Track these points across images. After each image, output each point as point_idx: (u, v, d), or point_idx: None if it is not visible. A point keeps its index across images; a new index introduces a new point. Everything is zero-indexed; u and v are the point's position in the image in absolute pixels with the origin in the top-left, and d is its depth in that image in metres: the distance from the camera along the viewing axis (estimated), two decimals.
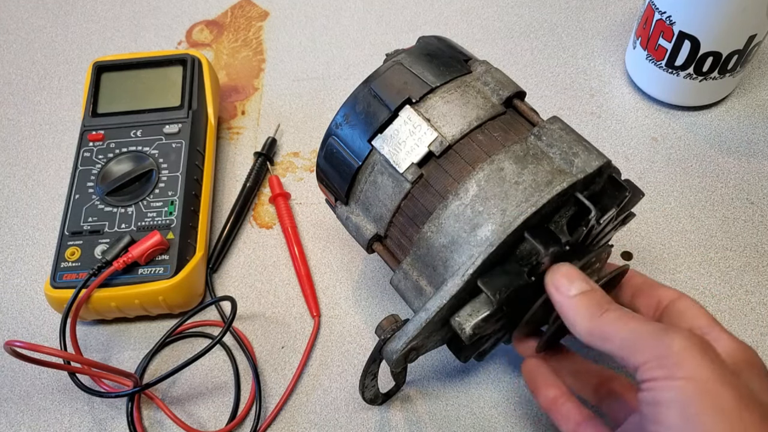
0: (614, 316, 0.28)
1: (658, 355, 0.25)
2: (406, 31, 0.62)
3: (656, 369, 0.25)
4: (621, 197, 0.31)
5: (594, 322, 0.28)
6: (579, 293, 0.29)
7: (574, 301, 0.29)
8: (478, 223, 0.30)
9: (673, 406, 0.24)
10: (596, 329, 0.28)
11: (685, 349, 0.25)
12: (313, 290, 0.46)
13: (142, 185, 0.46)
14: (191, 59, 0.51)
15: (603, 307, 0.28)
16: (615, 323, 0.27)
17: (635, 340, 0.26)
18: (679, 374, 0.24)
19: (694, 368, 0.24)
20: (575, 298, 0.29)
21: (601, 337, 0.28)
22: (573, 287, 0.29)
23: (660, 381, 0.25)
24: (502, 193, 0.30)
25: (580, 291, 0.29)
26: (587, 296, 0.29)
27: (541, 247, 0.29)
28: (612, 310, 0.28)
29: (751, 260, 0.45)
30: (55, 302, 0.42)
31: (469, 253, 0.30)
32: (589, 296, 0.29)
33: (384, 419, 0.40)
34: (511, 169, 0.30)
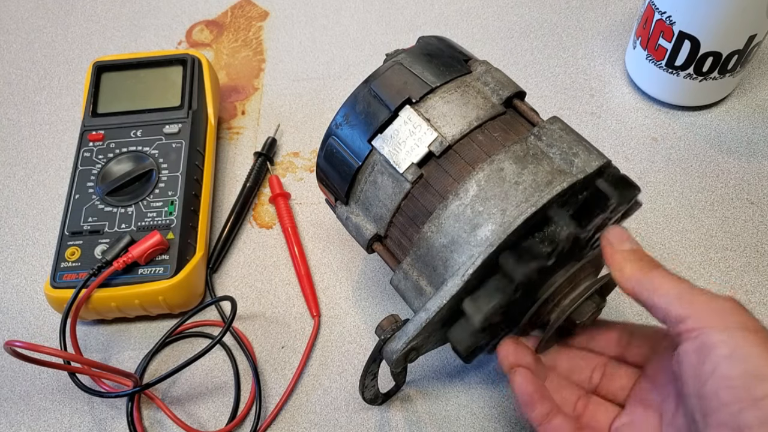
0: (664, 272, 0.29)
1: (707, 308, 0.27)
2: (406, 31, 0.62)
3: (706, 318, 0.27)
4: (606, 206, 0.31)
5: (644, 273, 0.29)
6: (630, 249, 0.31)
7: (625, 253, 0.30)
8: (478, 223, 0.30)
9: (721, 344, 0.26)
10: (645, 280, 0.29)
11: (732, 306, 0.27)
12: (313, 290, 0.46)
13: (142, 185, 0.46)
14: (191, 59, 0.51)
15: (652, 263, 0.30)
16: (664, 278, 0.29)
17: (683, 295, 0.28)
18: (730, 321, 0.26)
19: (742, 320, 0.26)
20: (628, 252, 0.30)
21: (649, 287, 0.29)
22: (625, 244, 0.31)
23: (708, 328, 0.26)
24: (502, 193, 0.30)
25: (631, 248, 0.31)
26: (638, 252, 0.31)
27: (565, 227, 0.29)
28: (663, 269, 0.30)
29: (751, 260, 0.45)
30: (55, 302, 0.42)
31: (469, 253, 0.30)
32: (639, 253, 0.31)
33: (384, 419, 0.40)
34: (511, 169, 0.30)
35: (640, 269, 0.30)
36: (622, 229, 0.32)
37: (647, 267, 0.30)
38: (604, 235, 0.31)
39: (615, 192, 0.30)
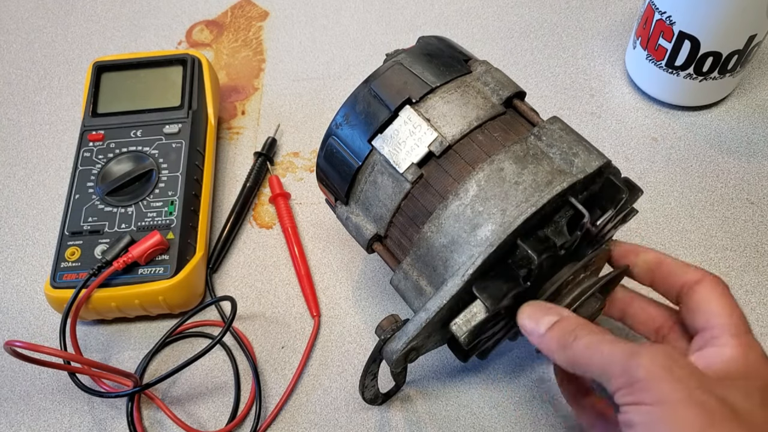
0: (584, 343, 0.28)
1: (627, 382, 0.26)
2: (406, 31, 0.62)
3: (627, 395, 0.26)
4: (618, 198, 0.31)
5: (567, 352, 0.28)
6: (547, 329, 0.29)
7: (545, 338, 0.29)
8: (478, 223, 0.30)
9: (640, 429, 0.25)
10: (571, 359, 0.28)
11: (650, 374, 0.25)
12: (313, 290, 0.46)
13: (142, 185, 0.46)
14: (191, 59, 0.51)
15: (573, 335, 0.28)
16: (586, 350, 0.28)
17: (606, 368, 0.27)
18: (647, 399, 0.25)
19: (660, 392, 0.25)
20: (546, 335, 0.29)
21: (579, 366, 0.28)
22: (541, 325, 0.30)
23: (631, 407, 0.26)
24: (502, 194, 0.30)
25: (548, 326, 0.29)
26: (556, 328, 0.29)
27: (534, 255, 0.29)
28: (581, 337, 0.28)
29: (751, 260, 0.45)
30: (55, 302, 0.42)
31: (469, 253, 0.30)
32: (558, 327, 0.29)
33: (384, 419, 0.40)
34: (511, 169, 0.30)
35: (564, 349, 0.28)
36: (532, 306, 0.31)
37: (568, 341, 0.28)
38: (520, 321, 0.30)
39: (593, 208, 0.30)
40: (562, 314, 0.30)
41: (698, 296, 0.31)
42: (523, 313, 0.31)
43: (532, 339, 0.30)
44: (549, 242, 0.29)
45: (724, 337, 0.29)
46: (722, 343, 0.29)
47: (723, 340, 0.29)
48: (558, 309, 0.30)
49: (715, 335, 0.29)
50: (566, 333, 0.29)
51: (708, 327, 0.30)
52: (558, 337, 0.29)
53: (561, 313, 0.30)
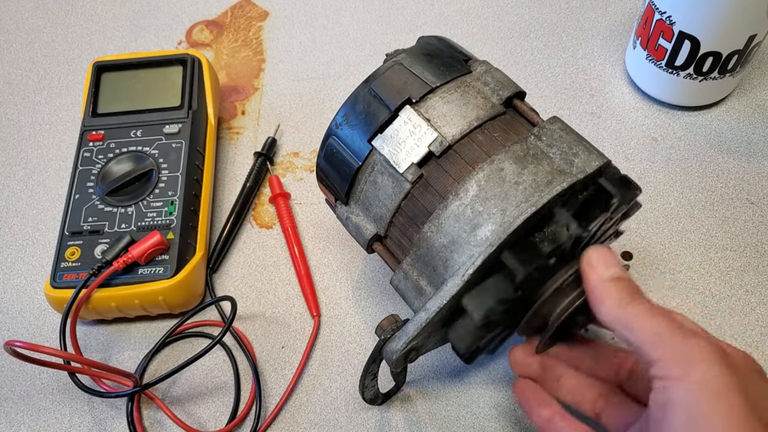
0: (642, 308, 0.28)
1: (676, 354, 0.25)
2: (406, 31, 0.62)
3: (673, 367, 0.25)
4: (608, 205, 0.31)
5: (622, 309, 0.28)
6: (612, 278, 0.29)
7: (606, 284, 0.29)
8: (478, 223, 0.30)
9: (681, 406, 0.24)
10: (622, 316, 0.28)
11: (704, 352, 0.25)
12: (313, 290, 0.46)
13: (142, 185, 0.46)
14: (191, 59, 0.51)
15: (633, 296, 0.29)
16: (641, 315, 0.28)
17: (657, 335, 0.27)
18: (693, 377, 0.25)
19: (709, 374, 0.25)
20: (608, 282, 0.29)
21: (625, 325, 0.28)
22: (608, 271, 0.30)
23: (673, 381, 0.25)
24: (502, 194, 0.30)
25: (613, 276, 0.29)
26: (619, 282, 0.29)
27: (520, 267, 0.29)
28: (641, 302, 0.28)
29: (751, 260, 0.45)
30: (55, 302, 0.42)
31: (469, 253, 0.30)
32: (621, 283, 0.29)
33: (384, 419, 0.40)
34: (511, 169, 0.30)
35: (618, 304, 0.28)
36: (606, 250, 0.30)
37: (626, 300, 0.28)
38: (586, 256, 0.30)
39: (618, 191, 0.30)
40: (626, 276, 0.30)
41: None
42: (595, 251, 0.30)
43: (591, 277, 0.30)
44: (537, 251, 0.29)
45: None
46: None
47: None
48: (622, 267, 0.30)
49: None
50: (628, 292, 0.29)
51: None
52: (618, 291, 0.29)
53: (626, 274, 0.30)
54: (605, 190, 0.31)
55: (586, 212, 0.31)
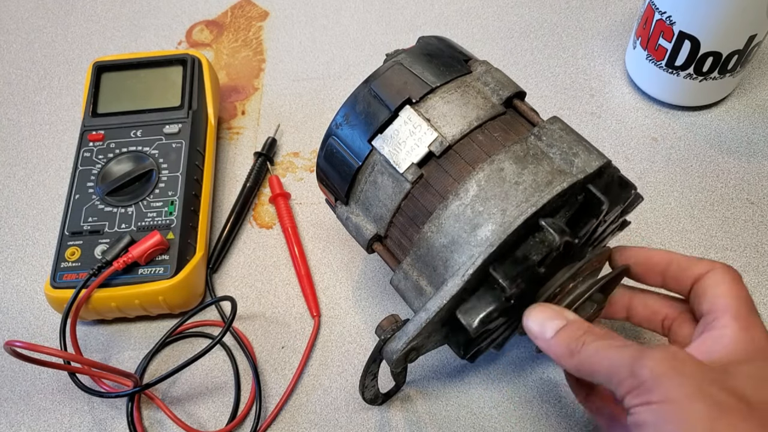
0: (592, 349, 0.28)
1: (634, 384, 0.26)
2: (406, 31, 0.62)
3: (635, 397, 0.26)
4: (627, 195, 0.31)
5: (575, 358, 0.28)
6: (554, 334, 0.29)
7: (552, 343, 0.29)
8: (479, 224, 0.30)
9: (650, 427, 0.25)
10: (579, 365, 0.28)
11: (656, 373, 0.25)
12: (313, 290, 0.46)
13: (142, 185, 0.46)
14: (191, 59, 0.51)
15: (580, 341, 0.28)
16: (594, 357, 0.28)
17: (613, 372, 0.27)
18: (654, 398, 0.25)
19: (666, 391, 0.25)
20: (552, 341, 0.29)
21: (586, 372, 0.28)
22: (547, 330, 0.30)
23: (639, 407, 0.26)
24: (503, 194, 0.30)
25: (554, 331, 0.29)
26: (563, 334, 0.29)
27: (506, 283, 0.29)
28: (588, 342, 0.28)
29: (751, 260, 0.45)
30: (55, 302, 0.42)
31: (470, 253, 0.30)
32: (565, 333, 0.29)
33: (384, 419, 0.40)
34: (511, 169, 0.30)
35: (571, 355, 0.28)
36: (539, 309, 0.30)
37: (575, 347, 0.28)
38: (527, 325, 0.30)
39: (606, 197, 0.30)
40: (569, 318, 0.30)
41: (705, 283, 0.31)
42: (529, 316, 0.30)
43: (538, 343, 0.30)
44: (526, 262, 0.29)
45: (725, 318, 0.29)
46: (722, 324, 0.28)
47: (723, 321, 0.29)
48: (565, 313, 0.30)
49: (717, 317, 0.29)
50: (573, 339, 0.29)
51: (711, 310, 0.29)
52: (565, 343, 0.29)
53: (567, 318, 0.30)
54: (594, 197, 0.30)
55: (584, 214, 0.31)
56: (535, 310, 0.31)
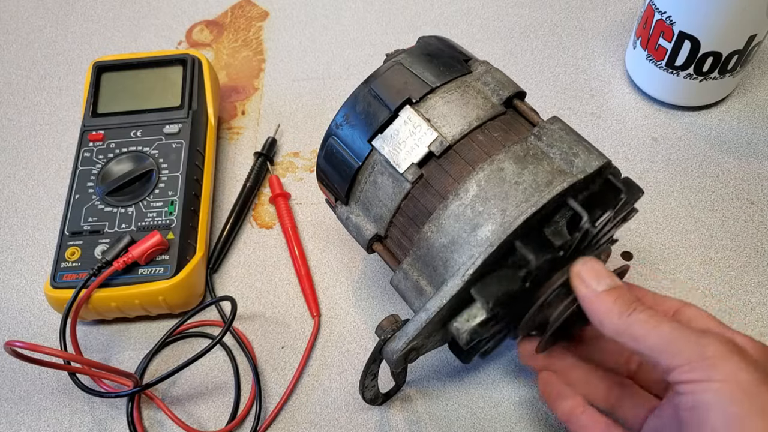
0: (644, 317, 0.27)
1: (693, 358, 0.25)
2: (406, 31, 0.62)
3: (693, 371, 0.25)
4: (616, 200, 0.31)
5: (623, 320, 0.28)
6: (606, 289, 0.29)
7: (601, 297, 0.29)
8: (479, 224, 0.30)
9: (714, 408, 0.24)
10: (625, 329, 0.28)
11: (720, 352, 0.25)
12: (313, 290, 0.46)
13: (142, 185, 0.46)
14: (191, 59, 0.51)
15: (631, 306, 0.28)
16: (645, 324, 0.27)
17: (669, 344, 0.26)
18: (717, 377, 0.25)
19: (731, 371, 0.25)
20: (602, 295, 0.29)
21: (630, 337, 0.27)
22: (600, 283, 0.29)
23: (698, 383, 0.25)
24: (502, 194, 0.30)
25: (607, 287, 0.29)
26: (614, 293, 0.29)
27: (532, 256, 0.28)
28: (640, 311, 0.28)
29: (752, 260, 0.45)
30: (55, 302, 0.42)
31: (470, 253, 0.30)
32: (616, 293, 0.29)
33: (384, 419, 0.40)
34: (511, 169, 0.30)
35: (619, 316, 0.28)
36: (595, 261, 0.30)
37: (625, 311, 0.28)
38: (575, 269, 0.30)
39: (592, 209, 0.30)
40: (618, 283, 0.29)
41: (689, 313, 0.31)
42: (585, 264, 0.30)
43: (583, 292, 0.29)
44: (548, 243, 0.29)
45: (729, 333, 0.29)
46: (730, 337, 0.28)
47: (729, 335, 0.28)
48: (614, 276, 0.30)
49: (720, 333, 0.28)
50: (625, 302, 0.28)
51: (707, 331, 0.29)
52: (615, 303, 0.28)
53: (619, 283, 0.29)
54: (613, 186, 0.30)
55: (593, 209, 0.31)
56: (592, 261, 0.30)
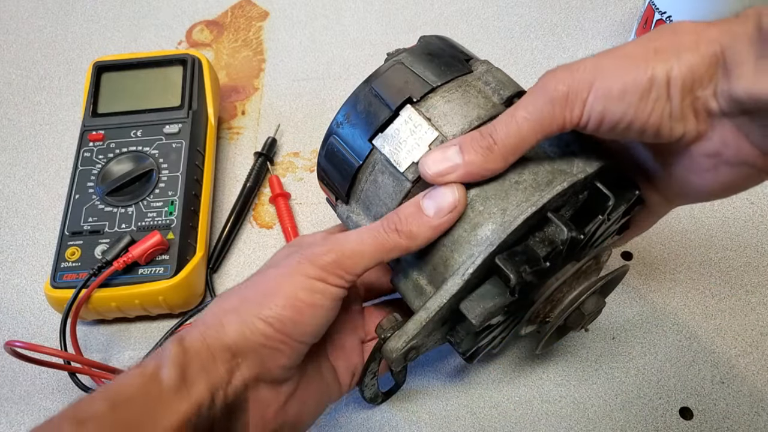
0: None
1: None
2: (406, 31, 0.62)
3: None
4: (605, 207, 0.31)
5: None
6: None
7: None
8: (479, 223, 0.30)
9: None
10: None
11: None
12: None
13: (142, 185, 0.46)
14: (191, 59, 0.51)
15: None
16: None
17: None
18: None
19: None
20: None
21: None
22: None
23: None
24: (503, 193, 0.30)
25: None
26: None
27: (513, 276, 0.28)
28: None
29: (752, 260, 0.45)
30: (55, 302, 0.42)
31: (469, 252, 0.30)
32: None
33: (384, 419, 0.40)
34: (512, 168, 0.30)
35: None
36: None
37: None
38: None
39: (614, 192, 0.30)
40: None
41: None
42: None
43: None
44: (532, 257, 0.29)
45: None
46: None
47: None
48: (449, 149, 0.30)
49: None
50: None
51: None
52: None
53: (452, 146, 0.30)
54: (600, 193, 0.30)
55: (586, 214, 0.31)
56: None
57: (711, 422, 0.39)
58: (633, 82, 0.26)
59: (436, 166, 0.30)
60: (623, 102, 0.26)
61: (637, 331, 0.42)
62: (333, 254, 0.30)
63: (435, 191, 0.30)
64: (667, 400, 0.40)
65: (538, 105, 0.28)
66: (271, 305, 0.29)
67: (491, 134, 0.29)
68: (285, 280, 0.29)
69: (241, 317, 0.29)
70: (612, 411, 0.40)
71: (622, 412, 0.39)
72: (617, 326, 0.42)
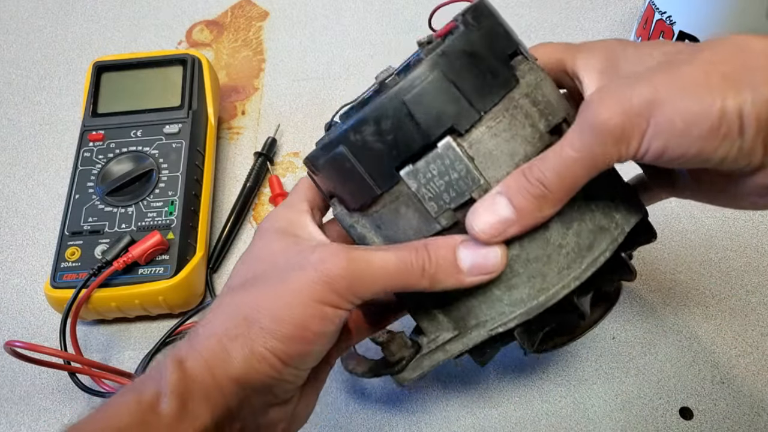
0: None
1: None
2: (406, 31, 0.62)
3: None
4: (648, 238, 0.31)
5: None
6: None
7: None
8: (515, 285, 0.28)
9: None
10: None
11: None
12: None
13: (142, 185, 0.46)
14: (191, 59, 0.51)
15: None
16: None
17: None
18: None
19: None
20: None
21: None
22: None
23: None
24: (545, 257, 0.28)
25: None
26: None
27: (529, 345, 0.29)
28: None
29: (752, 260, 0.45)
30: (55, 302, 0.42)
31: (500, 310, 0.29)
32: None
33: (384, 419, 0.40)
34: (556, 228, 0.28)
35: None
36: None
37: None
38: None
39: (635, 269, 0.30)
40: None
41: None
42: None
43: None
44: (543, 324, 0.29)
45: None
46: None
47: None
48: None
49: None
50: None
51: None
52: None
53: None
54: (624, 263, 0.30)
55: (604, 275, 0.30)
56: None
57: (711, 422, 0.39)
58: (700, 115, 0.23)
59: (490, 228, 0.26)
60: (688, 137, 0.24)
61: (637, 331, 0.42)
62: (350, 278, 0.27)
63: (477, 245, 0.27)
64: (667, 400, 0.40)
65: (588, 141, 0.25)
66: (280, 335, 0.27)
67: (541, 181, 0.26)
68: (296, 301, 0.27)
69: (248, 347, 0.27)
70: (612, 411, 0.40)
71: (622, 412, 0.39)
72: (617, 326, 0.42)
